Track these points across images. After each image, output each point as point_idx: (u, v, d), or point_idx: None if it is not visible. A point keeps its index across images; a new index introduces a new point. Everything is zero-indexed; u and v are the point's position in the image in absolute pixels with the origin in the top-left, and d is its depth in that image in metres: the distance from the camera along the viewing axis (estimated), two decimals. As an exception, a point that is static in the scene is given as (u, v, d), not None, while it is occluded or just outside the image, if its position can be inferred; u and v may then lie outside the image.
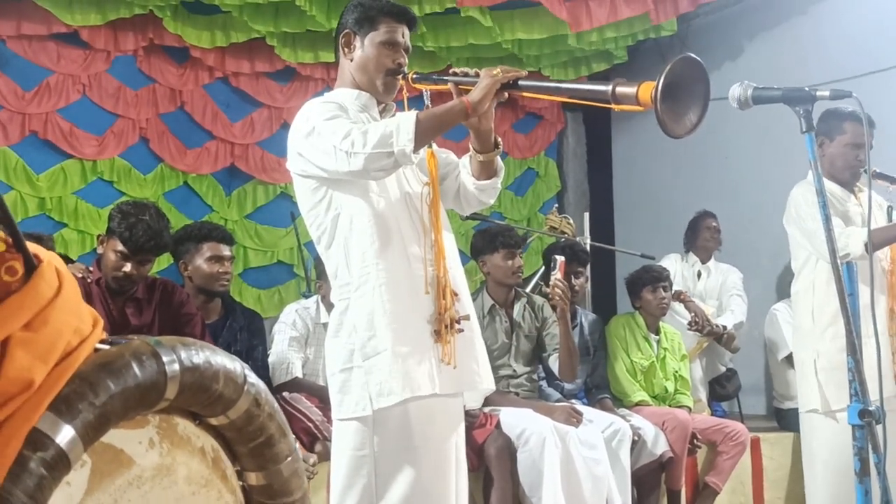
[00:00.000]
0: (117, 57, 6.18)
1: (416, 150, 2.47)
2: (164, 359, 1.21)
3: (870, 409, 2.23)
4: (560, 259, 4.47)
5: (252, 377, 1.35)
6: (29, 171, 5.93)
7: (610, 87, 2.35)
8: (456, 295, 2.64)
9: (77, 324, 1.15)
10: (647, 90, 2.24)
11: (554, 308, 4.53)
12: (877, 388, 3.64)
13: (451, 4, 5.87)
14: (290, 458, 1.43)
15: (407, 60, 2.80)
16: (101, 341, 1.21)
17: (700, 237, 6.34)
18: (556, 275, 4.40)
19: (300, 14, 5.95)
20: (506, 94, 2.56)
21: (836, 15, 6.38)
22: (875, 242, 3.84)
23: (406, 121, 2.48)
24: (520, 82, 2.53)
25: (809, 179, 4.05)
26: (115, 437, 1.19)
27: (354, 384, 2.58)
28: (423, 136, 2.49)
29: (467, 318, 2.67)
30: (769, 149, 6.18)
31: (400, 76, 2.76)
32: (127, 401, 1.17)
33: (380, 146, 2.45)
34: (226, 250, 4.14)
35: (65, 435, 1.08)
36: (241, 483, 1.42)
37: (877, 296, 3.98)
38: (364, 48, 2.76)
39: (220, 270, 4.10)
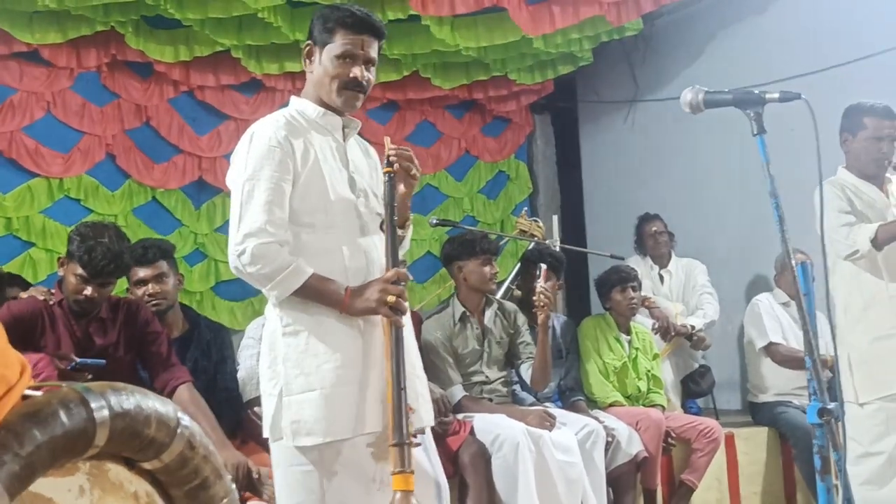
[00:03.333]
0: (80, 74, 6.14)
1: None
2: (93, 405, 1.19)
3: (828, 407, 2.24)
4: (544, 267, 4.48)
5: (185, 420, 1.35)
6: (-5, 191, 5.89)
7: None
8: (412, 409, 2.57)
9: (3, 371, 1.13)
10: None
11: (534, 316, 4.51)
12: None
13: (414, 12, 5.86)
14: (225, 500, 1.42)
15: (369, 73, 2.74)
16: (31, 387, 1.19)
17: (646, 244, 6.37)
18: (541, 282, 4.39)
19: (263, 26, 5.93)
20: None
21: (798, 11, 6.43)
22: (881, 238, 3.89)
23: (294, 279, 2.53)
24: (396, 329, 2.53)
25: (833, 179, 4.10)
26: (43, 485, 1.17)
27: (281, 414, 2.56)
28: (299, 295, 2.56)
29: (423, 431, 2.67)
30: (735, 147, 6.23)
31: (360, 90, 2.72)
32: (54, 450, 1.15)
33: (259, 278, 2.55)
34: (141, 272, 3.99)
35: None
36: None
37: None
38: (321, 62, 2.71)
39: (143, 293, 3.98)
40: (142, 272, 4.00)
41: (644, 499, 4.96)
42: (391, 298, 2.51)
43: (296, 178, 2.62)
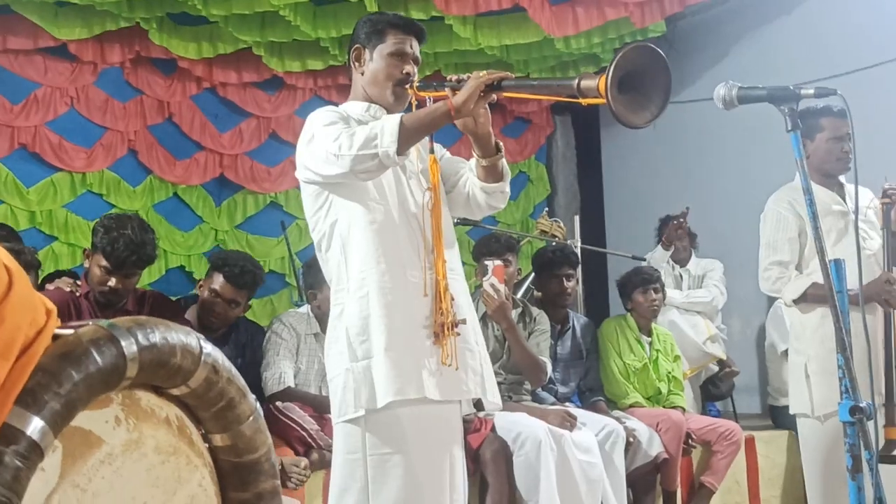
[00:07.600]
0: (104, 69, 6.18)
1: (400, 151, 2.50)
2: (122, 342, 1.25)
3: (861, 405, 2.22)
4: (494, 264, 4.27)
5: (208, 347, 1.41)
6: (19, 185, 5.92)
7: (575, 82, 2.35)
8: (453, 299, 2.67)
9: (31, 315, 1.16)
10: (605, 82, 2.24)
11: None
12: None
13: (437, 13, 5.86)
14: (252, 418, 1.50)
15: (416, 71, 2.83)
16: (58, 327, 1.24)
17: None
18: (490, 279, 4.19)
19: (286, 24, 5.95)
20: (494, 97, 2.59)
21: (823, 14, 6.40)
22: (810, 297, 3.79)
23: (390, 123, 2.51)
24: (504, 83, 2.55)
25: (792, 184, 4.03)
26: (82, 419, 1.24)
27: (348, 386, 2.60)
28: (408, 137, 2.52)
29: (464, 321, 2.69)
30: (758, 148, 6.19)
31: (409, 86, 2.79)
32: (91, 386, 1.21)
33: (364, 148, 2.50)
34: (219, 284, 4.03)
35: (34, 426, 1.13)
36: (206, 445, 1.48)
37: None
38: (374, 61, 2.81)
39: (212, 304, 4.02)
40: (220, 285, 4.03)
41: (664, 500, 4.94)
42: (482, 74, 2.53)
43: None
